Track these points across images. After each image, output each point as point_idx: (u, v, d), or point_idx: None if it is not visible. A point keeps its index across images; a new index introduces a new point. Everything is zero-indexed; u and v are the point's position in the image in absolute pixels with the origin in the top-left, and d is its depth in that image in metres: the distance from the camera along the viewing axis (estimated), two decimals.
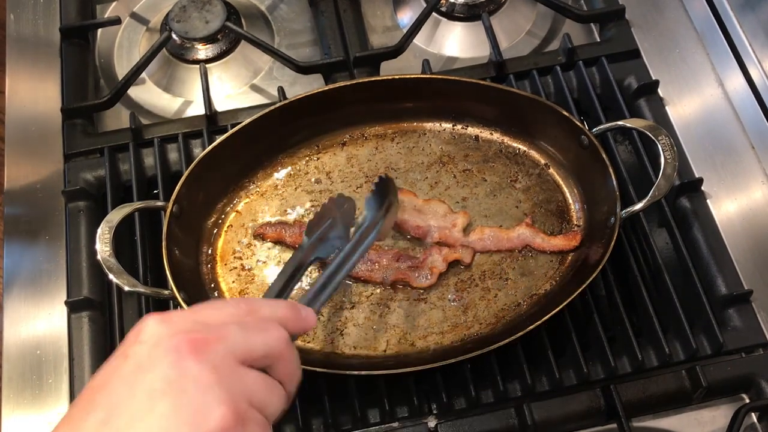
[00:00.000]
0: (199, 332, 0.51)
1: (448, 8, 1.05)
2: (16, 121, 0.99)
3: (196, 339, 0.51)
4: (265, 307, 0.57)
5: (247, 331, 0.53)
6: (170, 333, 0.51)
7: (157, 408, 0.48)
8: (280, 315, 0.57)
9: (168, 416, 0.48)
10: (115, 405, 0.49)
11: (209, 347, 0.51)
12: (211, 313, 0.55)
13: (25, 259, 0.90)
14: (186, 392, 0.49)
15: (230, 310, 0.55)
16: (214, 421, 0.48)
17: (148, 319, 0.53)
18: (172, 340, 0.51)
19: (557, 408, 0.78)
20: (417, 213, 0.86)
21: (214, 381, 0.50)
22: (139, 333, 0.52)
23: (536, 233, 0.84)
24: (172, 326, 0.52)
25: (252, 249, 0.87)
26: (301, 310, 0.60)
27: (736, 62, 0.97)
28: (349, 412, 0.79)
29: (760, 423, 0.79)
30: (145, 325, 0.52)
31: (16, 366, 0.83)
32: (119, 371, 0.51)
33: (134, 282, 0.78)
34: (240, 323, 0.54)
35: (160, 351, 0.50)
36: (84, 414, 0.50)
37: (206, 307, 0.56)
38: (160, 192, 0.89)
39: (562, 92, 0.94)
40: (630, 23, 1.02)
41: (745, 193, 0.91)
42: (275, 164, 0.91)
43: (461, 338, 0.81)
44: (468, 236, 0.85)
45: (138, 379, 0.50)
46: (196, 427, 0.48)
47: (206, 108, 0.95)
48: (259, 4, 1.11)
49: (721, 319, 0.82)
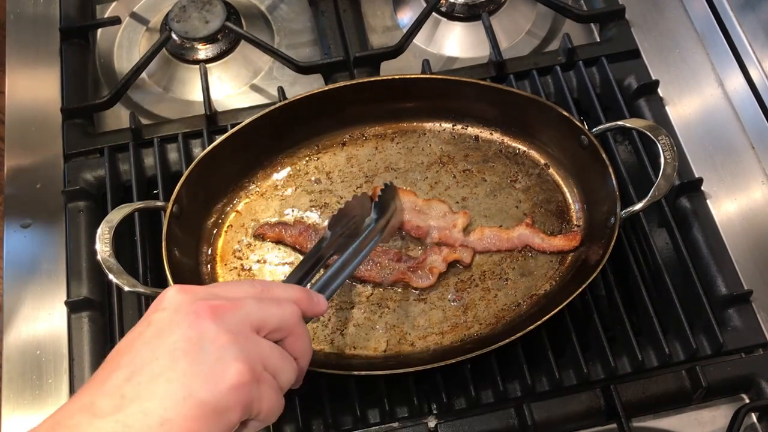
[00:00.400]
0: (217, 300, 0.55)
1: (448, 8, 1.05)
2: (16, 121, 0.99)
3: (214, 305, 0.55)
4: (279, 288, 0.62)
5: (262, 303, 0.58)
6: (190, 300, 0.55)
7: (177, 365, 0.52)
8: (293, 296, 0.61)
9: (187, 372, 0.52)
10: (138, 365, 0.52)
11: (227, 313, 0.55)
12: (229, 287, 0.60)
13: (25, 259, 0.90)
14: (204, 350, 0.53)
15: (246, 288, 0.59)
16: (230, 376, 0.52)
17: (169, 289, 0.57)
18: (192, 306, 0.54)
19: (557, 408, 0.78)
20: (417, 213, 0.86)
21: (231, 341, 0.53)
22: (161, 301, 0.56)
23: (536, 233, 0.84)
24: (192, 295, 0.56)
25: (252, 249, 0.87)
26: (313, 296, 0.64)
27: (736, 62, 0.97)
28: (349, 412, 0.79)
29: (760, 423, 0.79)
30: (166, 293, 0.56)
31: (16, 366, 0.83)
32: (142, 336, 0.54)
33: (134, 282, 0.78)
34: (256, 297, 0.58)
35: (180, 315, 0.54)
36: (108, 373, 0.53)
37: (224, 284, 0.61)
38: (160, 192, 0.89)
39: (562, 92, 0.94)
40: (630, 23, 1.02)
41: (745, 193, 0.91)
42: (275, 164, 0.91)
43: (461, 338, 0.81)
44: (468, 236, 0.85)
45: (160, 341, 0.53)
46: (214, 381, 0.52)
47: (206, 108, 0.95)
48: (259, 4, 1.11)
49: (721, 319, 0.82)
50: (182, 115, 0.98)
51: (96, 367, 0.81)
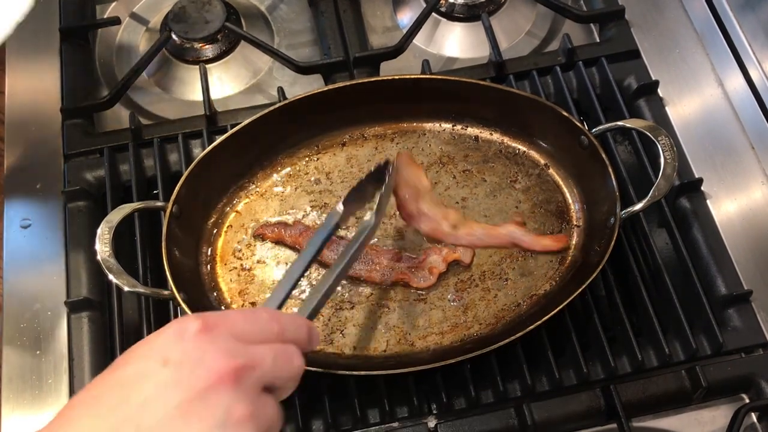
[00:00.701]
0: (239, 357, 0.52)
1: (448, 8, 1.05)
2: (16, 121, 0.99)
3: (236, 367, 0.51)
4: (290, 328, 0.58)
5: (278, 361, 0.55)
6: (214, 351, 0.51)
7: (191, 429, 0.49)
8: (300, 338, 0.59)
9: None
10: (147, 411, 0.49)
11: (246, 375, 0.52)
12: (249, 330, 0.55)
13: (24, 259, 0.90)
14: (223, 426, 0.49)
15: (264, 327, 0.56)
16: None
17: (189, 323, 0.53)
18: (215, 363, 0.51)
19: (557, 408, 0.78)
20: (413, 197, 0.82)
21: (249, 415, 0.51)
22: (181, 337, 0.52)
23: (525, 232, 0.84)
24: (215, 342, 0.52)
25: (252, 249, 0.87)
26: (314, 336, 0.61)
27: (735, 62, 0.97)
28: (349, 412, 0.79)
29: (760, 423, 0.79)
30: (186, 329, 0.52)
31: (15, 366, 0.83)
32: (156, 375, 0.50)
33: (134, 282, 0.78)
34: (273, 352, 0.55)
35: (202, 372, 0.50)
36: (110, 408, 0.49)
37: (241, 319, 0.56)
38: (159, 192, 0.89)
39: (562, 92, 0.94)
40: (630, 23, 1.02)
41: (745, 193, 0.91)
42: (275, 164, 0.91)
43: (461, 338, 0.81)
44: (457, 231, 0.84)
45: (175, 393, 0.50)
46: None
47: (206, 108, 0.95)
48: (259, 4, 1.11)
49: (721, 319, 0.82)
50: (182, 115, 0.98)
51: (96, 368, 0.82)
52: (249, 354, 0.53)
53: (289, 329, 0.58)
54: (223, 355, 0.51)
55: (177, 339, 0.52)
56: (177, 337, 0.52)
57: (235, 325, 0.55)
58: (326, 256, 0.84)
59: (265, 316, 0.57)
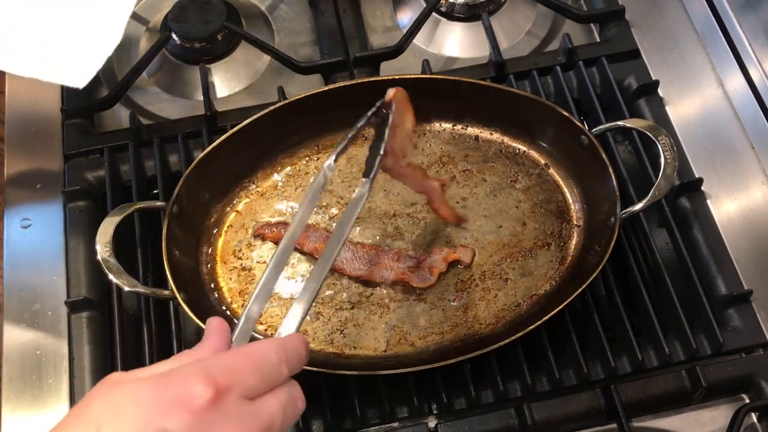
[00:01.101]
0: (254, 427, 0.48)
1: (448, 8, 1.05)
2: (16, 121, 0.99)
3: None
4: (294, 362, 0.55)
5: (287, 414, 0.52)
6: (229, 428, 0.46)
7: None
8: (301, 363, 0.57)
9: None
10: None
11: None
12: (259, 384, 0.51)
13: (24, 259, 0.90)
14: None
15: (273, 374, 0.52)
16: None
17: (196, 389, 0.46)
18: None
19: (557, 408, 0.78)
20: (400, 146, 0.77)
21: None
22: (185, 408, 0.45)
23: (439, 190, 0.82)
24: (226, 414, 0.47)
25: (252, 249, 0.87)
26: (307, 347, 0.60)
27: (736, 62, 0.97)
28: (349, 412, 0.79)
29: (760, 423, 0.79)
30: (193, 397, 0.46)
31: (16, 366, 0.83)
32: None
33: (134, 282, 0.78)
34: (282, 404, 0.52)
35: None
36: None
37: (251, 374, 0.50)
38: (160, 192, 0.89)
39: (562, 92, 0.94)
40: (630, 23, 1.02)
41: (745, 193, 0.91)
42: (275, 164, 0.91)
43: (461, 338, 0.81)
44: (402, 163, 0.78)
45: None
46: None
47: (206, 108, 0.95)
48: (259, 4, 1.11)
49: (721, 319, 0.82)
50: (182, 115, 0.98)
51: (96, 367, 0.82)
52: (261, 419, 0.49)
53: (293, 363, 0.55)
54: (237, 430, 0.46)
55: (180, 409, 0.45)
56: (180, 407, 0.45)
57: (247, 384, 0.49)
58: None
59: (274, 359, 0.53)
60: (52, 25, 0.87)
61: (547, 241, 0.86)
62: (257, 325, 0.82)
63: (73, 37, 0.86)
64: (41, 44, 0.86)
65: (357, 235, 0.87)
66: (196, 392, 0.45)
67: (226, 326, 0.58)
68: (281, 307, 0.83)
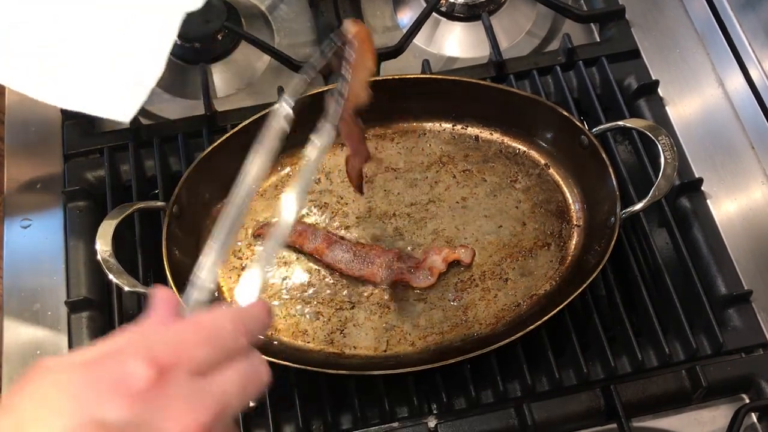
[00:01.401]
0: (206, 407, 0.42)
1: (448, 8, 1.05)
2: (16, 121, 0.99)
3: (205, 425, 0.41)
4: (254, 329, 0.49)
5: (247, 387, 0.45)
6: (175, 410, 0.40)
7: None
8: (263, 329, 0.50)
9: None
10: None
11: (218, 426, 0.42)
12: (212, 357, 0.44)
13: (24, 259, 0.90)
14: None
15: (228, 345, 0.46)
16: None
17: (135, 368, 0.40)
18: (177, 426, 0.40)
19: (557, 408, 0.78)
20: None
21: None
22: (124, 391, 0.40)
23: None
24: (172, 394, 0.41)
25: (252, 249, 0.87)
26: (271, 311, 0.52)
27: (736, 62, 0.97)
28: (349, 412, 0.79)
29: (760, 423, 0.79)
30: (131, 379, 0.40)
31: (16, 366, 0.83)
32: None
33: (134, 282, 0.78)
34: (240, 377, 0.45)
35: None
36: None
37: (202, 346, 0.44)
38: (160, 192, 0.89)
39: (562, 92, 0.94)
40: (630, 23, 1.01)
41: (745, 193, 0.91)
42: (275, 164, 0.91)
43: (461, 338, 0.81)
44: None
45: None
46: None
47: (206, 108, 0.95)
48: (259, 4, 1.11)
49: (721, 319, 0.82)
50: (182, 115, 0.98)
51: None
52: (215, 395, 0.42)
53: (253, 333, 0.48)
54: (186, 413, 0.40)
55: (117, 395, 0.39)
56: (117, 391, 0.39)
57: (196, 359, 0.43)
58: (326, 256, 0.84)
59: (228, 328, 0.46)
60: (98, 58, 0.87)
61: (547, 241, 0.86)
62: None
63: (118, 69, 0.87)
64: (89, 78, 0.86)
65: (357, 235, 0.87)
66: (135, 373, 0.39)
67: (173, 297, 0.51)
68: (281, 307, 0.83)
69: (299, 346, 0.81)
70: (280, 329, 0.81)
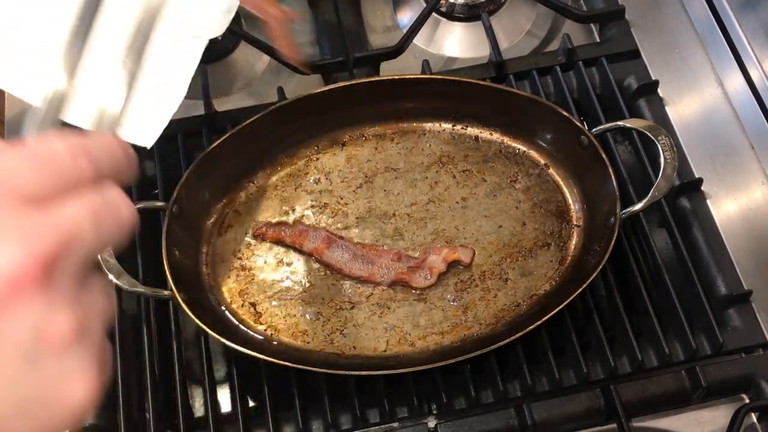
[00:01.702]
0: (42, 240, 0.35)
1: (448, 8, 1.05)
2: (16, 122, 0.99)
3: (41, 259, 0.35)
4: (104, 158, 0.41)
5: (100, 223, 0.39)
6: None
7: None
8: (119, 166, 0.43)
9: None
10: None
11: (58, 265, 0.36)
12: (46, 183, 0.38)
13: None
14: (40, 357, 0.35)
15: (67, 171, 0.39)
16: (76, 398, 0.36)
17: None
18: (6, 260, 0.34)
19: (557, 408, 0.78)
20: None
21: (74, 329, 0.36)
22: None
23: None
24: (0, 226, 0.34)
25: (252, 249, 0.87)
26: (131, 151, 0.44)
27: (735, 62, 0.97)
28: (349, 412, 0.79)
29: (760, 423, 0.79)
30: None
31: None
32: None
33: (134, 282, 0.78)
34: (90, 208, 0.38)
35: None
36: None
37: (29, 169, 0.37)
38: (159, 192, 0.89)
39: (562, 92, 0.94)
40: (630, 23, 1.01)
41: (745, 193, 0.91)
42: (275, 164, 0.91)
43: (461, 338, 0.81)
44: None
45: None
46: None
47: (206, 108, 0.95)
48: None
49: (721, 319, 0.82)
50: (182, 115, 0.98)
51: None
52: (57, 226, 0.36)
53: (102, 160, 0.40)
54: (15, 243, 0.34)
55: None
56: None
57: (23, 182, 0.36)
58: (326, 256, 0.84)
59: (62, 151, 0.39)
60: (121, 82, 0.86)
61: (547, 241, 0.86)
62: (257, 325, 0.82)
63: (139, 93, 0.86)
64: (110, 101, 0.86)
65: (357, 235, 0.87)
66: None
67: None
68: (281, 307, 0.83)
69: (299, 346, 0.81)
70: (280, 329, 0.82)
